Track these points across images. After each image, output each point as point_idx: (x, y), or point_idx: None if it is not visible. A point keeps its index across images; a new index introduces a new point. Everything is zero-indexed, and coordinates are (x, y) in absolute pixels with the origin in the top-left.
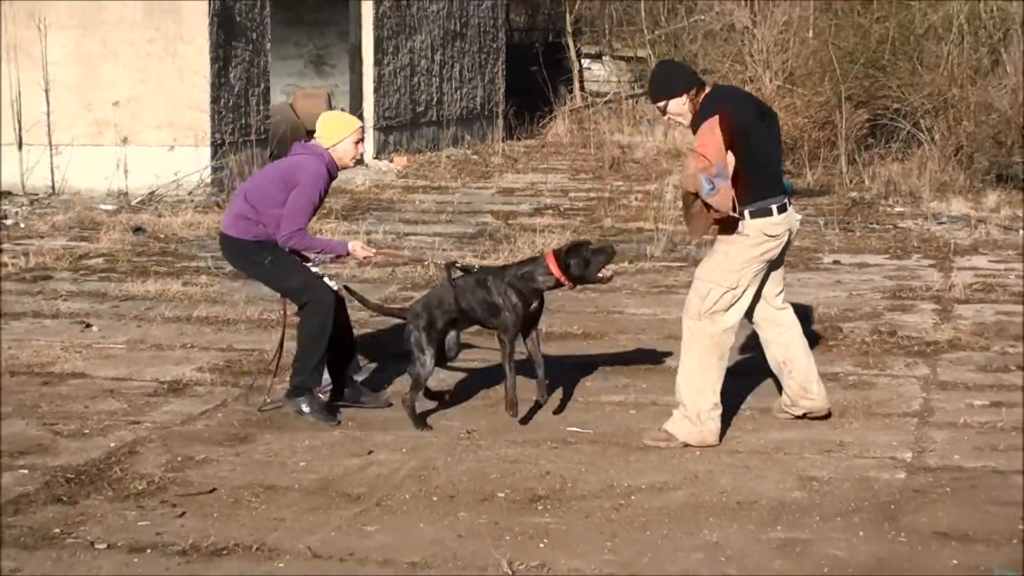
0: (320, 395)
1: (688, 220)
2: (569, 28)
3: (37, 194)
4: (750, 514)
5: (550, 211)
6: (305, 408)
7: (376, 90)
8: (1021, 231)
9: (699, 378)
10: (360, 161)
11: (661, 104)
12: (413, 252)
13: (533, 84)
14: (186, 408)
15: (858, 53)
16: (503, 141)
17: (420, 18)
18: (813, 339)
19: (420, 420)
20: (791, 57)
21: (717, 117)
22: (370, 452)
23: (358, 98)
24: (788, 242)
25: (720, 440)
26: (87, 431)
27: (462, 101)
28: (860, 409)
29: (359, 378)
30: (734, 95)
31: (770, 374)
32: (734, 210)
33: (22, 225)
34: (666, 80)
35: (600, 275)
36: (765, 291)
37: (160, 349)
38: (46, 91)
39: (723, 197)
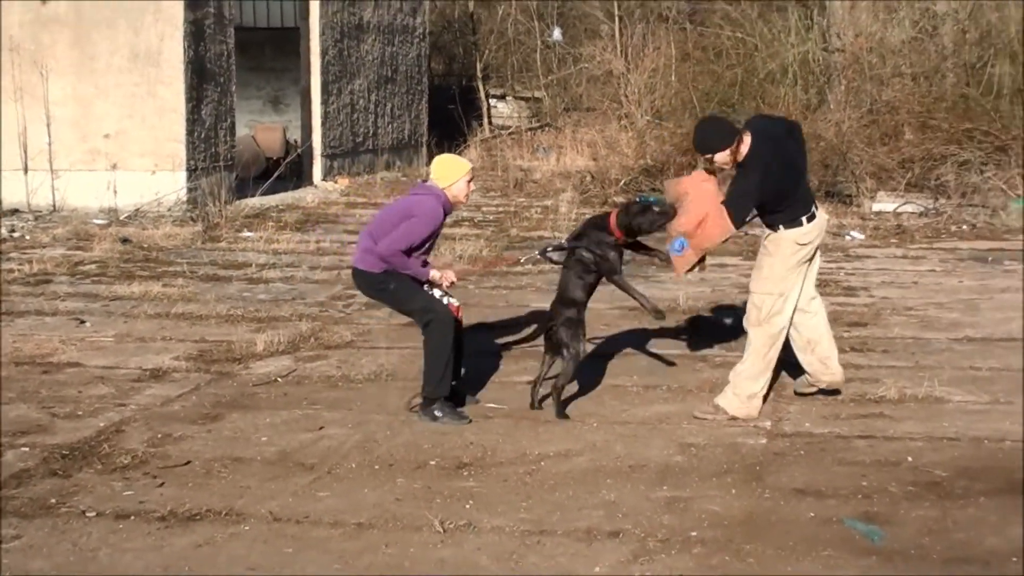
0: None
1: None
2: (479, 74)
3: (40, 211)
4: (641, 476)
5: (466, 223)
6: (438, 414)
7: (323, 124)
8: (846, 237)
9: (755, 368)
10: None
11: (707, 157)
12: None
13: (450, 119)
14: (165, 392)
15: (713, 94)
16: (427, 165)
17: (358, 65)
18: (692, 328)
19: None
20: (658, 97)
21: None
22: (321, 428)
23: (308, 131)
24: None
25: (757, 414)
26: (80, 413)
27: (393, 133)
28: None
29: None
30: (764, 152)
31: (649, 357)
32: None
33: (27, 237)
34: (708, 138)
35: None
36: (804, 284)
37: (143, 341)
38: (48, 125)
39: (684, 260)
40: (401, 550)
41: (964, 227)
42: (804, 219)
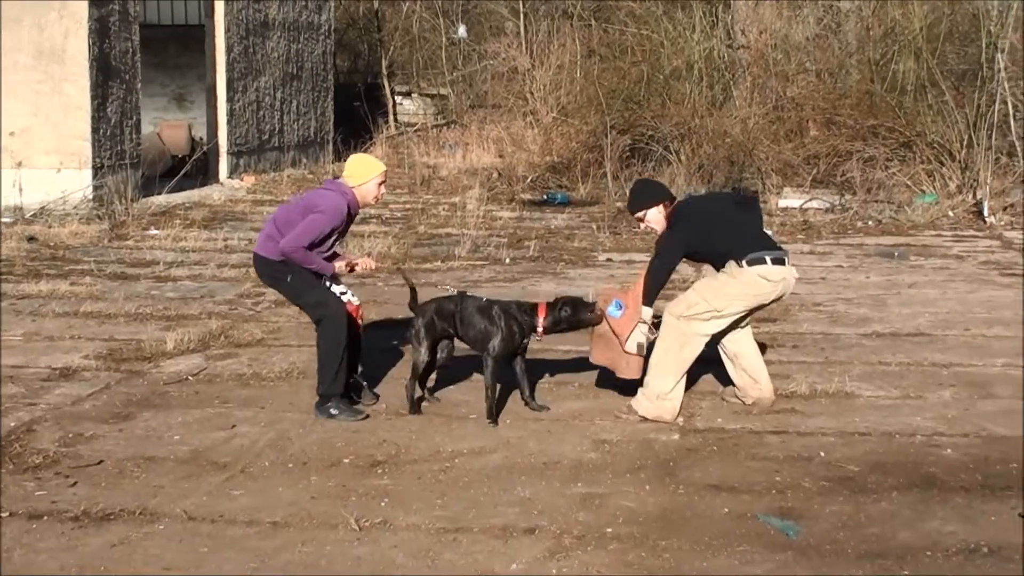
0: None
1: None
2: (384, 71)
3: None
4: (555, 473)
5: (374, 220)
6: (334, 411)
7: (229, 122)
8: None
9: (664, 365)
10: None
11: (639, 215)
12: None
13: (356, 116)
14: (75, 391)
15: (619, 91)
16: (332, 163)
17: (264, 63)
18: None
19: (415, 405)
20: (564, 94)
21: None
22: (233, 426)
23: (213, 128)
24: (782, 295)
25: (674, 419)
26: None
27: (299, 130)
28: (638, 381)
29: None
30: (691, 209)
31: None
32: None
33: None
34: (642, 196)
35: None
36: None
37: (52, 340)
38: None
39: (623, 323)
40: (317, 548)
41: (870, 223)
42: (768, 259)
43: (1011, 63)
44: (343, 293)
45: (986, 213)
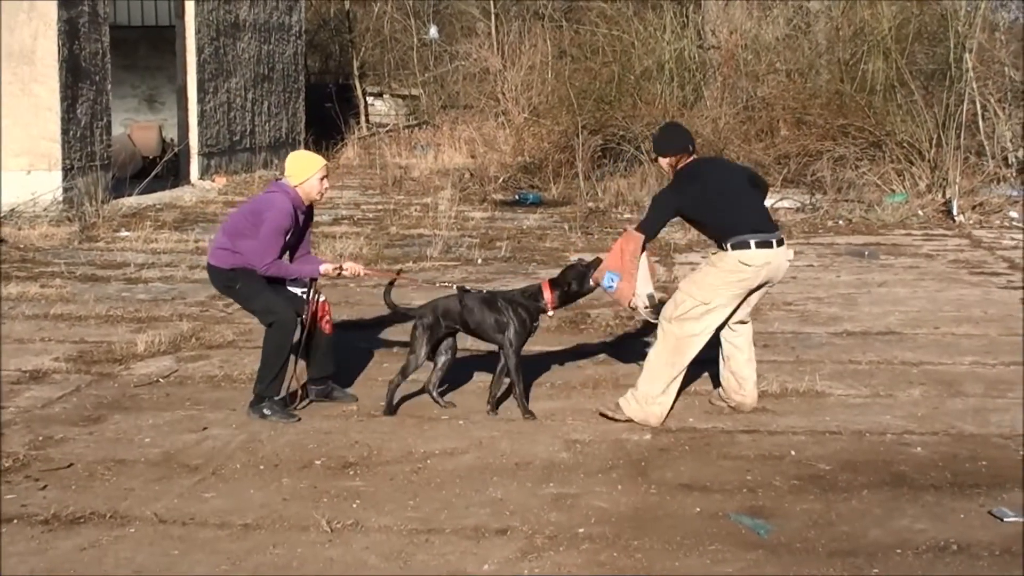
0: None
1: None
2: (356, 72)
3: None
4: (527, 473)
5: (346, 220)
6: (267, 412)
7: (200, 123)
8: None
9: (656, 369)
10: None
11: (654, 156)
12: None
13: (327, 117)
14: (45, 394)
15: (590, 91)
16: None
17: (235, 64)
18: (571, 325)
19: (390, 407)
20: (536, 94)
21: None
22: (205, 428)
23: (184, 130)
24: (770, 279)
25: (662, 423)
26: None
27: (270, 131)
28: (610, 381)
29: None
30: (700, 172)
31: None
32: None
33: None
34: (660, 141)
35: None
36: (738, 312)
37: (22, 343)
38: None
39: (621, 293)
40: (289, 550)
41: (840, 222)
42: (752, 242)
43: (979, 63)
44: (303, 291)
45: (955, 212)
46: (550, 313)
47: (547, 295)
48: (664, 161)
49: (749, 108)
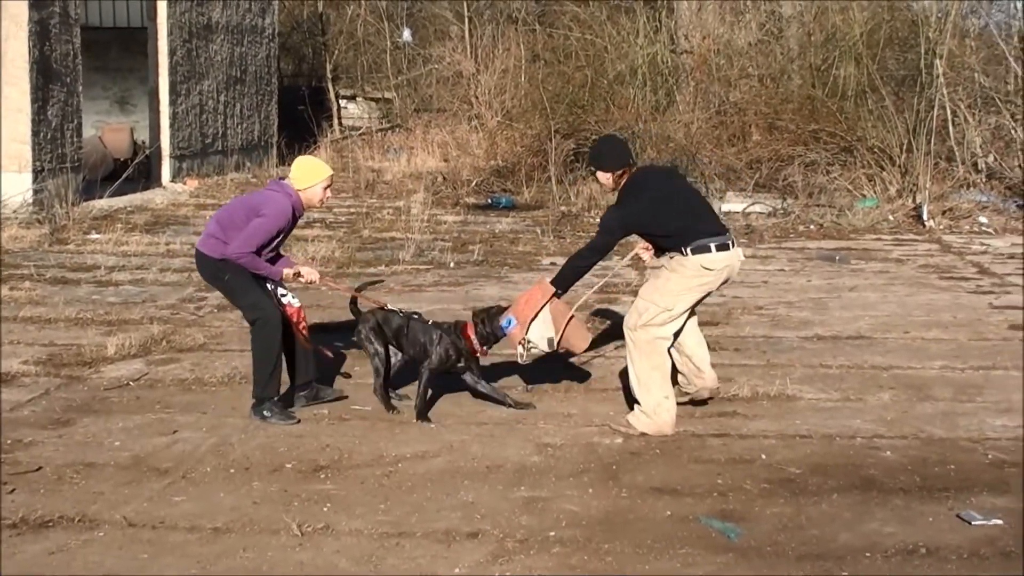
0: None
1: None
2: (329, 75)
3: None
4: (498, 477)
5: (318, 224)
6: (267, 414)
7: (171, 125)
8: None
9: (643, 378)
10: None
11: (591, 170)
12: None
13: (300, 120)
14: (14, 396)
15: (563, 95)
16: (277, 167)
17: (207, 66)
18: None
19: (388, 404)
20: (509, 98)
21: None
22: (175, 432)
23: (156, 132)
24: (727, 280)
25: (672, 429)
26: None
27: (243, 134)
28: (582, 385)
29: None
30: (644, 183)
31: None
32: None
33: None
34: (599, 156)
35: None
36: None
37: None
38: None
39: (511, 338)
40: (259, 554)
41: (811, 227)
42: (713, 246)
43: (949, 69)
44: (283, 295)
45: (925, 217)
46: (479, 353)
47: (469, 333)
48: (604, 176)
49: (721, 113)
